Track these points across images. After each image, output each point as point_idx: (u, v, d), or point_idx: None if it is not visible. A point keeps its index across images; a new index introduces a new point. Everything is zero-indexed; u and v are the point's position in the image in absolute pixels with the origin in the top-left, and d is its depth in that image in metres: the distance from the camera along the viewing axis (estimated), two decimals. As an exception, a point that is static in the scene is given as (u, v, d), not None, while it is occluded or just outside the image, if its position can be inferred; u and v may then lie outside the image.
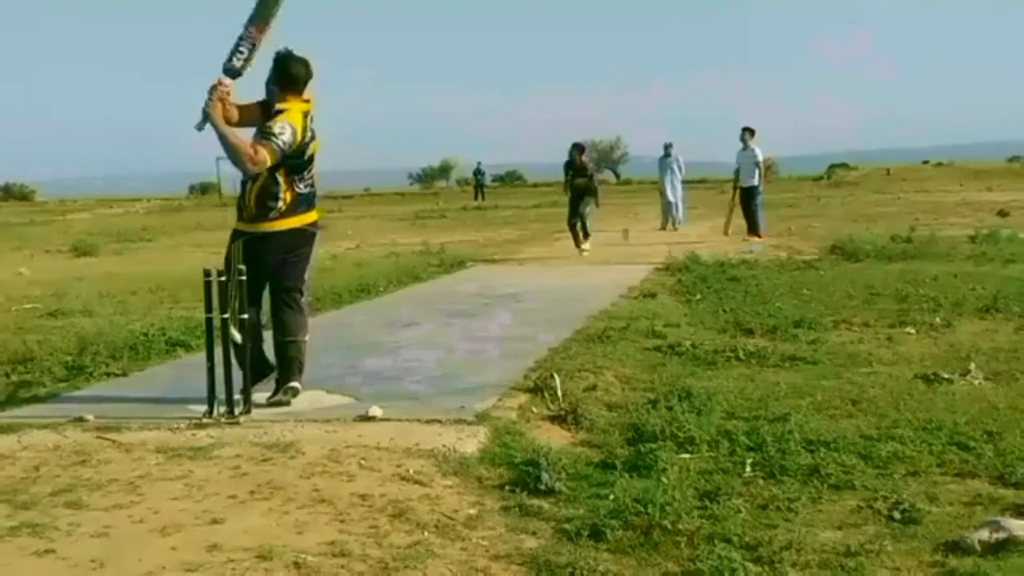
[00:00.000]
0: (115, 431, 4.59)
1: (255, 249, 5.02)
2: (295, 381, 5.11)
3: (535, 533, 3.40)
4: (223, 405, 4.79)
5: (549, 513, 3.59)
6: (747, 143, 16.15)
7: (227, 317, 4.82)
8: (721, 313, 8.17)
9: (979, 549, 3.13)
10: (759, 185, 16.08)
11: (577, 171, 14.61)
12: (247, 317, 4.85)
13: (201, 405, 4.83)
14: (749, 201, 16.01)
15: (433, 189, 55.72)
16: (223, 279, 4.87)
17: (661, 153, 19.93)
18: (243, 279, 4.83)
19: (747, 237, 15.55)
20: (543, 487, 3.80)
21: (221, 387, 4.78)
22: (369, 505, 3.58)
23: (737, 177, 16.34)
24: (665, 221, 19.27)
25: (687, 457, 4.24)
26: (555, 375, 5.33)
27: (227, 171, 41.74)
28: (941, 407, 4.93)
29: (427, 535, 3.32)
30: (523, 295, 9.58)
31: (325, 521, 3.42)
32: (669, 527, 3.30)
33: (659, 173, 19.97)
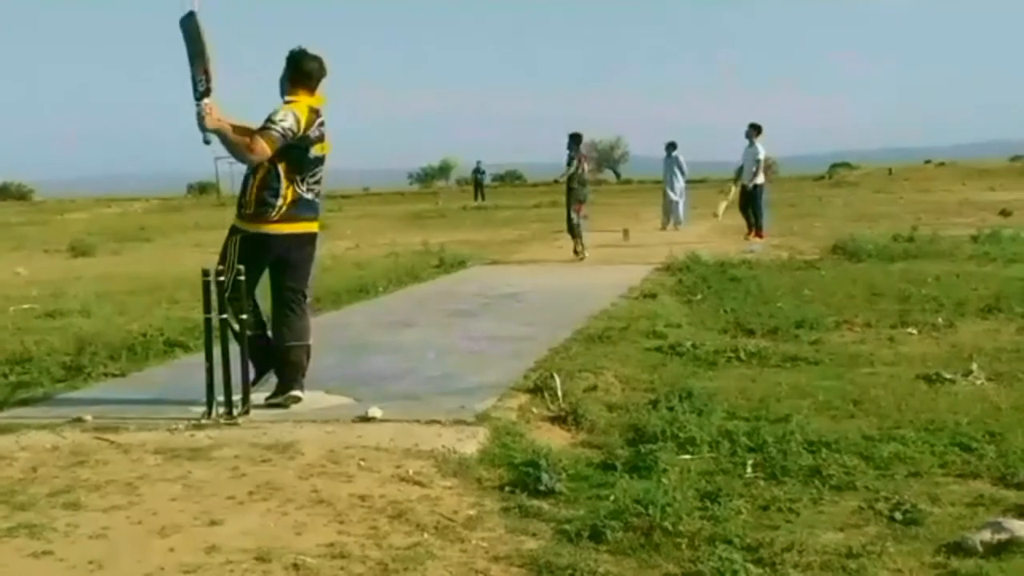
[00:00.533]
0: (113, 432, 4.58)
1: (251, 249, 4.95)
2: (296, 390, 5.01)
3: (535, 534, 3.39)
4: (222, 406, 4.78)
5: (549, 514, 3.58)
6: (752, 140, 16.09)
7: (225, 315, 4.81)
8: (722, 313, 8.16)
9: (981, 550, 3.13)
10: (762, 184, 16.02)
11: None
12: (244, 317, 4.83)
13: (200, 406, 4.82)
14: (753, 200, 15.95)
15: (433, 189, 55.67)
16: (220, 275, 4.86)
17: (663, 153, 19.90)
18: (241, 279, 4.82)
19: (748, 236, 15.52)
20: (543, 488, 3.79)
21: (220, 388, 4.77)
22: (368, 506, 3.57)
23: (739, 174, 16.30)
24: (666, 221, 19.23)
25: (688, 458, 4.23)
26: (555, 375, 5.31)
27: (225, 171, 41.66)
28: (943, 408, 4.92)
29: (427, 536, 3.31)
30: (523, 295, 9.58)
31: (324, 522, 3.41)
32: (670, 528, 3.29)
33: (663, 172, 19.91)
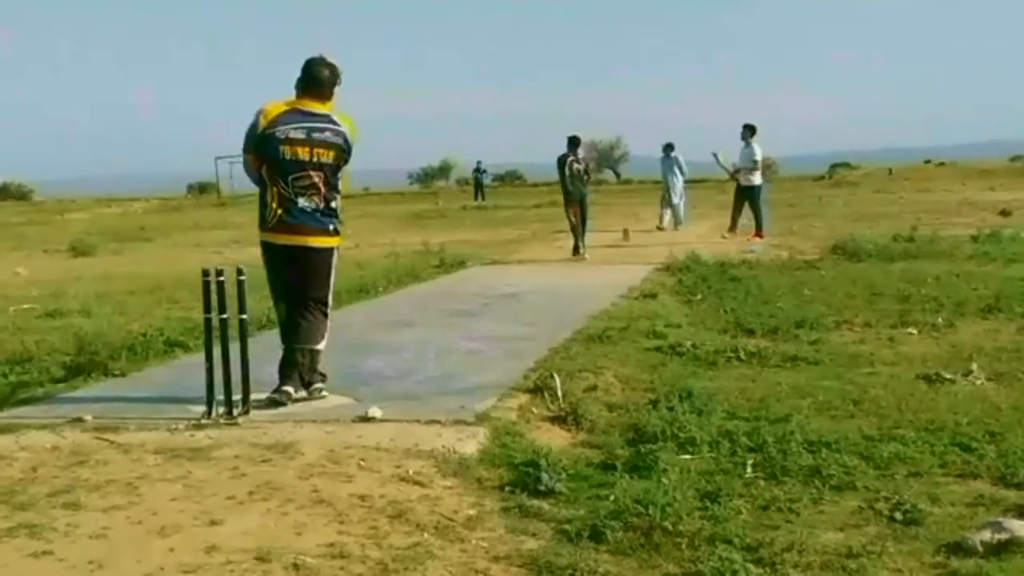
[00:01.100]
0: (113, 432, 4.58)
1: (265, 255, 5.12)
2: (288, 386, 5.07)
3: (535, 534, 3.39)
4: (222, 406, 4.78)
5: (549, 514, 3.58)
6: (748, 141, 16.10)
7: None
8: (722, 313, 8.15)
9: (981, 550, 3.13)
10: (761, 184, 16.01)
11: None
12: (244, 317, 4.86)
13: (200, 406, 4.82)
14: (752, 200, 15.96)
15: (433, 189, 55.61)
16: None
17: (661, 154, 19.88)
18: (242, 279, 4.83)
19: (749, 236, 15.51)
20: (543, 488, 3.79)
21: (220, 388, 4.77)
22: (368, 506, 3.57)
23: (736, 174, 16.29)
24: (662, 220, 19.18)
25: (688, 458, 4.23)
26: (555, 375, 5.31)
27: (225, 171, 41.83)
28: (943, 408, 4.92)
29: (427, 536, 3.31)
30: (523, 295, 9.57)
31: (324, 522, 3.41)
32: (670, 528, 3.29)
33: (661, 173, 19.89)
